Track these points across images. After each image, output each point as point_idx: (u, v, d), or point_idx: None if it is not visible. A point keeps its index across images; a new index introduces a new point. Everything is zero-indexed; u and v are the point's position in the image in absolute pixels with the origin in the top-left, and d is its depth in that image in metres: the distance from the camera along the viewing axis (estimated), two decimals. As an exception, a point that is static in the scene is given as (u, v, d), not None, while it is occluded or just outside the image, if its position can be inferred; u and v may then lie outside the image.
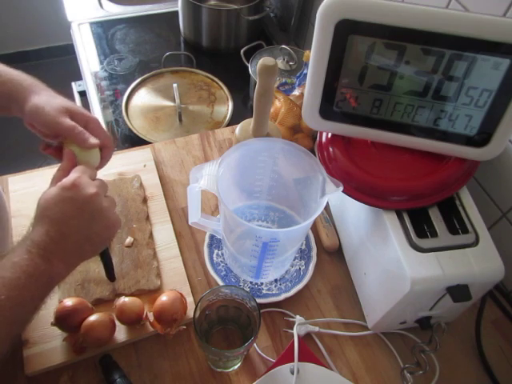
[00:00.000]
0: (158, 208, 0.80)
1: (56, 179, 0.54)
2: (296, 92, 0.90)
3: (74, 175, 0.53)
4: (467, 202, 0.63)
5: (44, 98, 0.57)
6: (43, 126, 0.57)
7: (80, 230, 0.51)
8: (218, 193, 0.58)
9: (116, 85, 1.17)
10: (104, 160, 0.61)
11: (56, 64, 2.36)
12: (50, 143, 0.60)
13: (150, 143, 0.94)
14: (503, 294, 0.75)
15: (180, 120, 1.08)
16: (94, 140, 0.57)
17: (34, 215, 0.51)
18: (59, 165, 0.57)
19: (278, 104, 0.88)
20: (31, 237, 0.48)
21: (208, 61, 1.28)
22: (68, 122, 0.56)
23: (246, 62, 1.12)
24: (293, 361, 0.61)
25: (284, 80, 0.99)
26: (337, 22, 0.54)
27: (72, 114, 0.58)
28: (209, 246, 0.76)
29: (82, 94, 1.33)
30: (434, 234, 0.59)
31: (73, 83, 1.40)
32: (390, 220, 0.61)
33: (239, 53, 1.17)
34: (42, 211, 0.50)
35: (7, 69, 0.60)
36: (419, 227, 0.60)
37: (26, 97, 0.57)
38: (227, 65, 1.27)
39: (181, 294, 0.66)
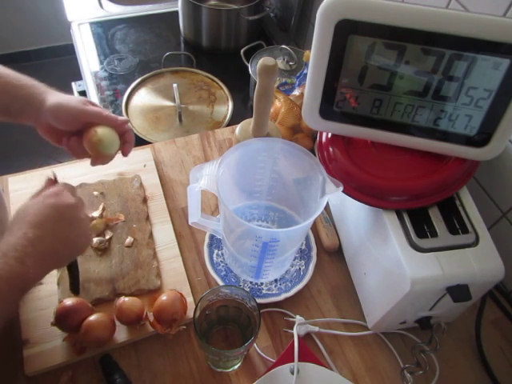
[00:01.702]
0: (158, 208, 0.80)
1: (35, 195, 0.56)
2: (296, 92, 0.90)
3: (55, 187, 0.56)
4: (467, 201, 0.63)
5: (64, 96, 0.61)
6: (70, 118, 0.60)
7: (57, 234, 0.52)
8: (218, 193, 0.58)
9: (116, 85, 1.17)
10: (129, 144, 0.65)
11: (56, 64, 2.36)
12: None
13: (150, 143, 0.94)
14: (503, 294, 0.75)
15: (180, 120, 1.08)
16: (122, 117, 0.63)
17: (13, 220, 0.52)
18: (52, 171, 0.60)
19: (278, 104, 0.88)
20: (7, 240, 0.49)
21: (208, 61, 1.28)
22: (95, 107, 0.62)
23: (246, 62, 1.12)
24: (293, 361, 0.61)
25: (284, 80, 0.99)
26: (337, 22, 0.54)
27: (92, 105, 0.62)
28: (209, 245, 0.76)
29: (82, 94, 1.33)
30: (434, 234, 0.59)
31: (73, 83, 1.40)
32: (390, 220, 0.61)
33: (239, 53, 1.17)
34: (21, 217, 0.52)
35: (24, 76, 0.62)
36: (419, 227, 0.60)
37: (44, 98, 0.60)
38: (227, 65, 1.27)
39: (181, 294, 0.66)
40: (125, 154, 0.66)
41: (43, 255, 0.50)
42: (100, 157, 0.63)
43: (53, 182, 0.60)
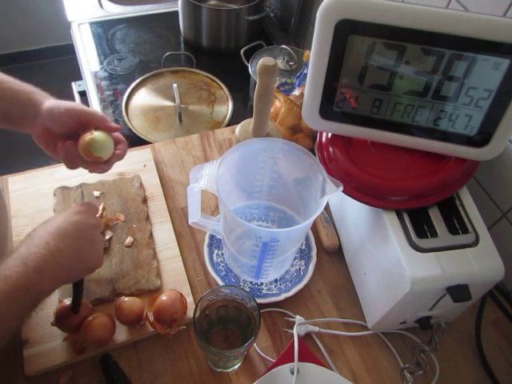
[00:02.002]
0: (158, 208, 0.80)
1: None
2: (296, 92, 0.90)
3: (81, 206, 0.59)
4: (467, 201, 0.63)
5: (61, 100, 0.61)
6: (64, 117, 0.59)
7: (75, 250, 0.54)
8: (218, 193, 0.58)
9: (116, 85, 1.17)
10: (119, 152, 0.64)
11: (56, 64, 2.36)
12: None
13: (150, 143, 0.94)
14: (503, 294, 0.75)
15: (180, 120, 1.08)
16: (115, 124, 0.63)
17: (33, 231, 0.53)
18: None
19: (278, 104, 0.88)
20: (28, 248, 0.50)
21: (208, 61, 1.28)
22: (90, 108, 0.62)
23: (246, 62, 1.12)
24: (293, 361, 0.61)
25: (284, 80, 0.99)
26: (337, 22, 0.54)
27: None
28: (209, 245, 0.76)
29: (82, 94, 1.33)
30: (434, 234, 0.59)
31: (73, 83, 1.40)
32: (390, 220, 0.61)
33: (239, 53, 1.17)
34: (44, 226, 0.54)
35: (25, 83, 0.62)
36: (419, 227, 0.60)
37: (42, 103, 0.60)
38: (227, 65, 1.27)
39: (181, 294, 0.66)
40: (109, 161, 0.63)
41: (60, 268, 0.52)
42: (92, 160, 0.61)
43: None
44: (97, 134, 0.60)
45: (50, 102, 0.60)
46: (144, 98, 1.12)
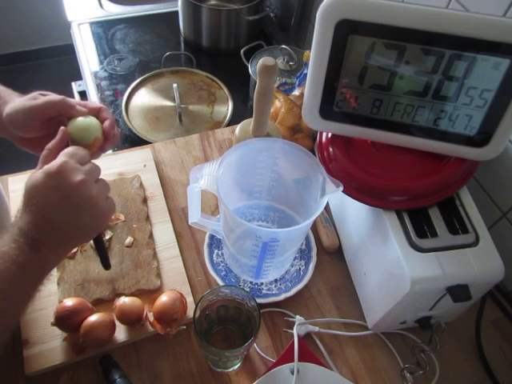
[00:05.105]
0: (158, 208, 0.80)
1: (44, 159, 0.50)
2: (296, 92, 0.90)
3: (60, 160, 0.48)
4: (467, 202, 0.63)
5: (19, 101, 0.54)
6: (28, 121, 0.53)
7: (67, 219, 0.48)
8: (218, 193, 0.58)
9: (116, 85, 1.17)
10: (109, 121, 0.55)
11: (56, 64, 2.36)
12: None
13: (150, 143, 0.94)
14: (503, 294, 0.75)
15: (180, 120, 1.08)
16: (79, 108, 0.54)
17: (22, 199, 0.48)
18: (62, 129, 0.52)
19: (278, 104, 0.88)
20: (18, 224, 0.46)
21: (208, 61, 1.28)
22: (46, 97, 0.53)
23: (246, 62, 1.12)
24: (293, 361, 0.61)
25: (284, 80, 0.99)
26: (337, 22, 0.54)
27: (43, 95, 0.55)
28: (209, 246, 0.76)
29: (82, 94, 1.33)
30: (434, 234, 0.59)
31: (73, 83, 1.40)
32: (390, 220, 0.61)
33: (239, 53, 1.17)
34: (28, 197, 0.47)
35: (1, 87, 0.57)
36: (419, 227, 0.60)
37: (3, 110, 0.54)
38: (227, 65, 1.27)
39: (181, 294, 0.66)
40: (108, 135, 0.55)
41: (56, 241, 0.48)
42: (90, 147, 0.54)
43: (63, 139, 0.52)
44: (73, 122, 0.53)
45: (7, 109, 0.53)
46: (144, 98, 1.12)
